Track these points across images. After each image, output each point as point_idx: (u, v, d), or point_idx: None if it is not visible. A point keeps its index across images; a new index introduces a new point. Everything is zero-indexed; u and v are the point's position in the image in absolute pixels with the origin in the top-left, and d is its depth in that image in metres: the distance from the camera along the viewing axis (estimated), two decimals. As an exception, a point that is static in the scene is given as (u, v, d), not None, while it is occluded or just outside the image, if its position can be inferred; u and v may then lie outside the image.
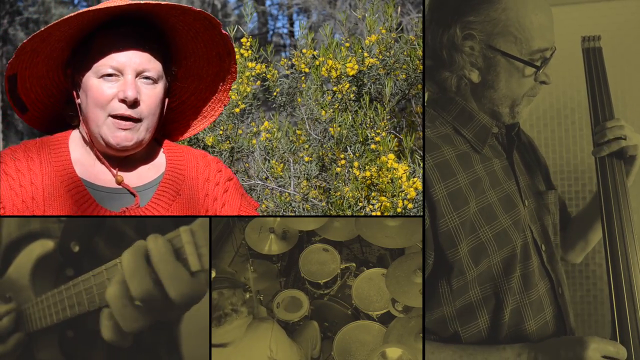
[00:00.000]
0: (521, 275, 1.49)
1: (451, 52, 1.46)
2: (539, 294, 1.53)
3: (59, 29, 1.37)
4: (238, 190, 1.55)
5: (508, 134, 1.58)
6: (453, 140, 1.50)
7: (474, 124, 1.51)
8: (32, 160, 1.42)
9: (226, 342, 1.68)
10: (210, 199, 1.49)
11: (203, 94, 1.58)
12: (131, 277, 1.07)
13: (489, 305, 1.48)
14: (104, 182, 1.44)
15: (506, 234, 1.47)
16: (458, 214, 1.43)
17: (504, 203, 1.50)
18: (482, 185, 1.48)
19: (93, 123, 1.40)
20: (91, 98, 1.39)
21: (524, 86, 1.49)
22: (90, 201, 1.40)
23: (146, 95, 1.40)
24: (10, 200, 1.38)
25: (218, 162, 1.55)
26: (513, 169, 1.56)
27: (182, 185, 1.47)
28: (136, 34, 1.41)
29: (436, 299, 1.46)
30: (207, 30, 1.47)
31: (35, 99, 1.49)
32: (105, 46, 1.39)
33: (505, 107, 1.50)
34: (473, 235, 1.44)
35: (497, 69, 1.47)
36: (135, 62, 1.39)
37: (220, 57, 1.52)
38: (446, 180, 1.43)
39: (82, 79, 1.41)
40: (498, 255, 1.47)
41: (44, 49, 1.41)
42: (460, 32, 1.45)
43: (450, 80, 1.49)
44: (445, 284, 1.45)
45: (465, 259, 1.43)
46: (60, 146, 1.46)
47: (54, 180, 1.40)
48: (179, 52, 1.51)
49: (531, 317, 1.51)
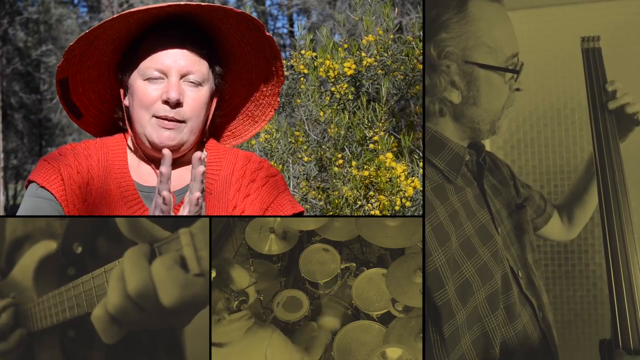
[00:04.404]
0: (504, 307, 1.44)
1: (429, 75, 1.40)
2: (523, 323, 1.48)
3: (105, 31, 1.39)
4: (276, 187, 1.52)
5: (477, 159, 1.52)
6: (426, 172, 1.43)
7: (446, 152, 1.44)
8: (90, 157, 1.46)
9: (223, 342, 1.67)
10: (241, 195, 1.49)
11: (254, 98, 1.59)
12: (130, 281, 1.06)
13: (478, 347, 1.40)
14: (147, 182, 1.46)
15: (487, 268, 1.41)
16: (443, 251, 1.35)
17: (480, 235, 1.44)
18: (460, 218, 1.41)
19: (138, 124, 1.42)
20: (137, 99, 1.41)
21: (502, 97, 1.44)
22: (138, 200, 1.44)
23: (190, 97, 1.41)
24: (69, 187, 1.41)
25: (261, 161, 1.54)
26: (485, 197, 1.51)
27: (214, 185, 1.47)
28: (182, 36, 1.42)
29: (428, 355, 1.36)
30: (251, 33, 1.48)
31: (89, 104, 1.51)
32: (151, 48, 1.41)
33: (485, 123, 1.45)
34: (457, 272, 1.36)
35: (477, 84, 1.41)
36: (179, 64, 1.40)
37: (267, 60, 1.53)
38: (428, 214, 1.36)
39: (129, 81, 1.43)
40: (483, 291, 1.40)
41: (93, 53, 1.43)
42: (435, 51, 1.39)
43: (432, 106, 1.43)
44: (435, 334, 1.35)
45: (453, 300, 1.34)
46: (118, 146, 1.49)
47: (108, 177, 1.44)
48: (228, 56, 1.52)
49: (518, 347, 1.45)
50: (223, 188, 1.49)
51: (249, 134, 1.64)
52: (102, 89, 1.51)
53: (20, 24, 15.32)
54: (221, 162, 1.51)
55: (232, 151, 1.55)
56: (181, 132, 1.41)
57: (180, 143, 1.42)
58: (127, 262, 1.06)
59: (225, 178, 1.49)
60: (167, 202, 1.25)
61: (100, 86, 1.50)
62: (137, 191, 1.45)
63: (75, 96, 1.49)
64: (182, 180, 1.47)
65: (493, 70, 1.40)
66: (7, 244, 1.40)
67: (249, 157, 1.54)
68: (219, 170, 1.50)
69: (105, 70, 1.48)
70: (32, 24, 15.67)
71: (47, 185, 1.41)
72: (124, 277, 1.05)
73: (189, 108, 1.41)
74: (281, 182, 1.54)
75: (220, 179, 1.49)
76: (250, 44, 1.50)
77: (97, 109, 1.53)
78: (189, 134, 1.43)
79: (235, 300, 1.63)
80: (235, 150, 1.56)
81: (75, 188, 1.42)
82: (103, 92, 1.51)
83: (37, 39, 15.77)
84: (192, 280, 1.03)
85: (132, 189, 1.45)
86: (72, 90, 1.48)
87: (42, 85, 15.91)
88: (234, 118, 1.61)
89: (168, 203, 1.25)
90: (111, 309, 1.05)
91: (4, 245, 1.40)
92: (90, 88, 1.49)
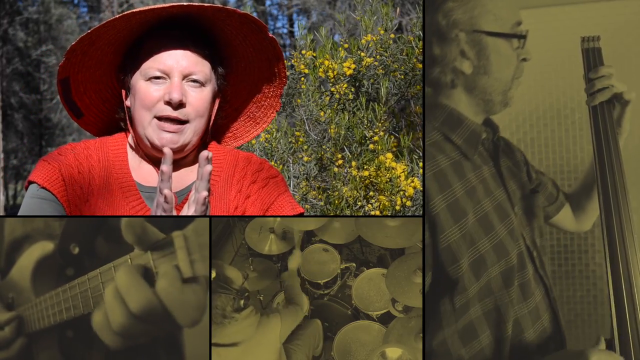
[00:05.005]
0: (519, 285, 1.46)
1: (440, 45, 1.42)
2: (536, 302, 1.50)
3: (106, 31, 1.38)
4: (276, 189, 1.52)
5: (493, 139, 1.53)
6: (444, 148, 1.44)
7: (463, 129, 1.46)
8: (91, 157, 1.45)
9: (237, 341, 1.68)
10: (242, 196, 1.49)
11: (255, 100, 1.58)
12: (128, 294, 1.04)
13: (490, 320, 1.43)
14: (148, 182, 1.46)
15: (503, 245, 1.43)
16: (458, 227, 1.37)
17: (498, 212, 1.46)
18: (477, 194, 1.43)
19: (139, 124, 1.42)
20: (138, 100, 1.41)
21: (511, 66, 1.45)
22: (140, 200, 1.43)
23: (193, 97, 1.41)
24: (71, 187, 1.41)
25: (262, 162, 1.54)
26: (501, 176, 1.52)
27: (215, 186, 1.47)
28: (184, 37, 1.42)
29: (436, 321, 1.39)
30: (254, 34, 1.47)
31: (90, 104, 1.51)
32: (153, 49, 1.40)
33: (497, 93, 1.46)
34: (473, 248, 1.39)
35: (487, 52, 1.43)
36: (182, 65, 1.40)
37: (270, 62, 1.52)
38: (444, 191, 1.38)
39: (131, 82, 1.43)
40: (497, 267, 1.42)
41: (95, 53, 1.43)
42: (444, 20, 1.41)
43: (444, 77, 1.45)
44: (447, 303, 1.38)
45: (467, 275, 1.37)
46: (119, 146, 1.48)
47: (109, 177, 1.44)
48: (230, 57, 1.51)
49: (530, 326, 1.48)
50: (224, 189, 1.48)
51: (250, 136, 1.64)
52: (103, 89, 1.50)
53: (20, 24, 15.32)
54: (222, 163, 1.50)
55: (233, 152, 1.54)
56: (184, 134, 1.41)
57: (183, 145, 1.42)
58: (122, 283, 1.04)
59: (226, 179, 1.49)
60: (168, 200, 1.24)
61: (102, 86, 1.50)
62: (138, 191, 1.44)
63: (77, 96, 1.49)
64: (183, 181, 1.47)
65: (501, 38, 1.42)
66: (6, 244, 1.39)
67: (249, 158, 1.53)
68: (220, 171, 1.49)
69: (106, 70, 1.48)
70: (32, 24, 15.68)
71: (48, 186, 1.40)
72: (123, 298, 1.03)
73: (191, 108, 1.41)
74: (282, 183, 1.54)
75: (221, 180, 1.49)
76: (252, 45, 1.50)
77: (98, 108, 1.52)
78: (192, 135, 1.42)
79: (241, 298, 1.64)
80: (236, 151, 1.56)
81: (76, 188, 1.42)
82: (104, 92, 1.51)
83: (37, 39, 15.78)
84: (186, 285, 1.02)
85: (134, 189, 1.44)
86: (74, 90, 1.47)
87: (42, 85, 15.92)
88: (236, 119, 1.61)
89: (170, 201, 1.24)
90: (117, 328, 1.04)
91: (3, 246, 1.39)
92: (92, 88, 1.49)
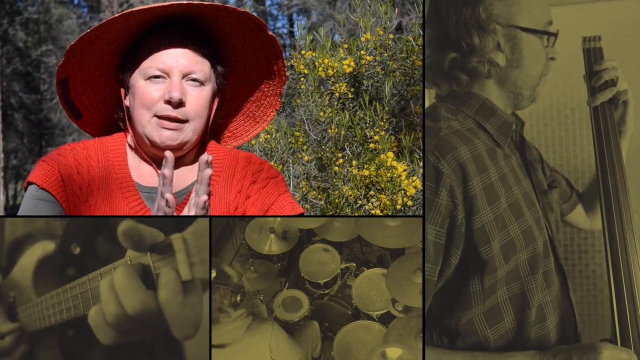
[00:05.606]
0: (542, 273, 1.50)
1: (479, 35, 1.46)
2: (557, 291, 1.54)
3: (106, 30, 1.38)
4: (277, 189, 1.52)
5: (520, 131, 1.58)
6: (478, 135, 1.49)
7: (496, 118, 1.51)
8: (90, 157, 1.45)
9: (225, 343, 1.67)
10: (242, 197, 1.48)
11: (255, 98, 1.58)
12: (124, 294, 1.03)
13: (515, 304, 1.47)
14: (148, 182, 1.46)
15: (531, 231, 1.48)
16: (492, 209, 1.42)
17: (526, 200, 1.50)
18: (509, 181, 1.48)
19: (138, 124, 1.41)
20: (138, 99, 1.40)
21: (541, 62, 1.50)
22: (139, 201, 1.43)
23: (192, 97, 1.41)
24: (70, 187, 1.41)
25: (262, 162, 1.54)
26: (527, 167, 1.57)
27: (215, 186, 1.46)
28: (184, 36, 1.41)
29: (467, 299, 1.44)
30: (254, 33, 1.47)
31: (89, 104, 1.51)
32: (153, 48, 1.40)
33: (527, 88, 1.51)
34: (504, 231, 1.43)
35: (520, 47, 1.47)
36: (181, 64, 1.40)
37: (269, 60, 1.52)
38: (481, 173, 1.42)
39: (130, 81, 1.43)
40: (525, 252, 1.46)
41: (94, 53, 1.43)
42: (484, 13, 1.46)
43: (482, 66, 1.48)
44: (477, 282, 1.43)
45: (497, 256, 1.42)
46: (118, 146, 1.48)
47: (109, 177, 1.43)
48: (230, 55, 1.51)
49: (551, 313, 1.51)
50: (224, 189, 1.48)
51: (250, 135, 1.64)
52: (102, 89, 1.50)
53: (20, 24, 15.32)
54: (222, 163, 1.50)
55: (232, 152, 1.54)
56: (183, 132, 1.41)
57: (183, 142, 1.42)
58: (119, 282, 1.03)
59: (226, 179, 1.49)
60: (170, 204, 1.24)
61: (100, 86, 1.49)
62: (138, 191, 1.44)
63: (76, 96, 1.48)
64: (183, 181, 1.46)
65: (533, 34, 1.47)
66: (7, 244, 1.39)
67: (249, 158, 1.53)
68: (220, 171, 1.49)
69: (105, 70, 1.48)
70: (32, 24, 15.68)
71: (47, 187, 1.40)
72: (120, 300, 1.03)
73: (191, 107, 1.40)
74: (282, 184, 1.54)
75: (221, 181, 1.49)
76: (252, 44, 1.50)
77: (97, 109, 1.52)
78: (192, 134, 1.42)
79: (237, 294, 1.63)
80: (235, 151, 1.56)
81: (76, 189, 1.42)
82: (103, 92, 1.51)
83: (37, 39, 15.78)
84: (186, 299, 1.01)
85: (133, 190, 1.44)
86: (72, 90, 1.47)
87: (42, 85, 15.92)
88: (235, 119, 1.61)
89: (171, 205, 1.24)
90: (110, 319, 1.04)
91: (3, 245, 1.39)
92: (91, 88, 1.49)
